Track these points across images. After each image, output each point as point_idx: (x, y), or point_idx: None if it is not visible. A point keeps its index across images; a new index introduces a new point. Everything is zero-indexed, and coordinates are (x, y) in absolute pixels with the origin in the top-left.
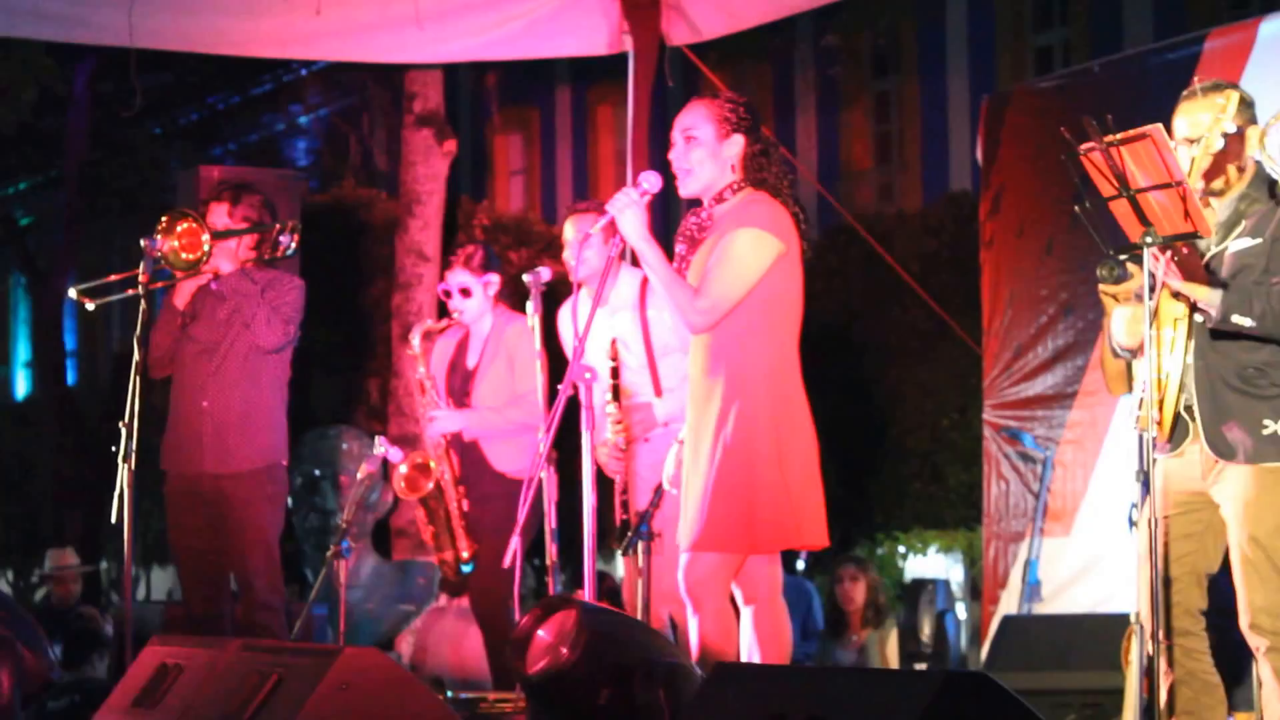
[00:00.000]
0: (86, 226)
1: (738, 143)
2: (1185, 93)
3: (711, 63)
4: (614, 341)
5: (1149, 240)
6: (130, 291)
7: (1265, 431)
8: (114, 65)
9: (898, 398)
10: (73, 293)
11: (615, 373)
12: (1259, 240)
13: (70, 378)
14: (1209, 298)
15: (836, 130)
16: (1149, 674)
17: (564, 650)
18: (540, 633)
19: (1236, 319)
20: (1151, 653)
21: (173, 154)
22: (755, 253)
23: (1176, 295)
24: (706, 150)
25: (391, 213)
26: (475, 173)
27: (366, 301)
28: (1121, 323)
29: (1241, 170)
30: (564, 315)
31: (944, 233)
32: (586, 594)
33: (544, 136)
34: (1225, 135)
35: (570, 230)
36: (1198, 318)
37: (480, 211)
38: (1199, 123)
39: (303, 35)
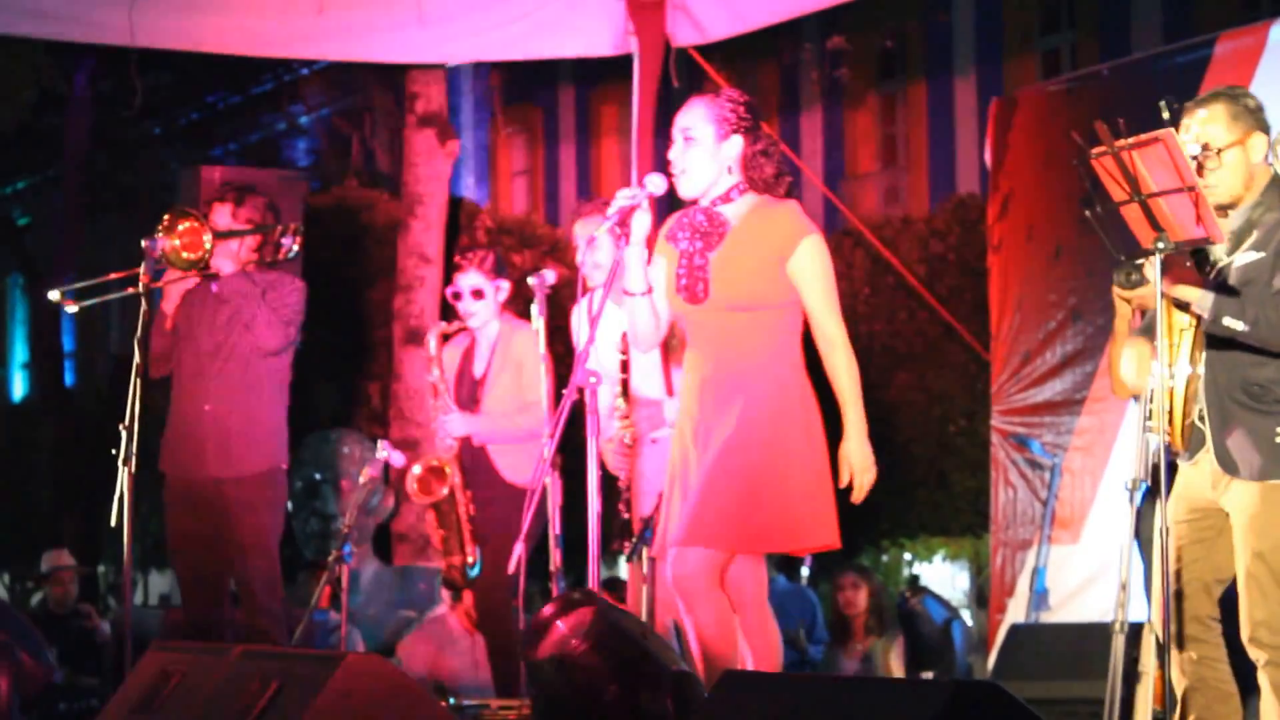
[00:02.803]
0: (85, 226)
1: (736, 143)
2: (1185, 106)
3: (716, 64)
4: (625, 335)
5: (1161, 245)
6: (130, 290)
7: None
8: (114, 64)
9: (903, 403)
10: (54, 295)
11: (625, 366)
12: (1263, 254)
13: (68, 379)
14: (1200, 300)
15: (842, 133)
16: (1127, 680)
17: (574, 641)
18: (559, 624)
19: (1228, 322)
20: (1154, 660)
21: (172, 154)
22: (828, 256)
23: (1180, 305)
24: (705, 151)
25: (393, 214)
26: (477, 174)
27: (368, 303)
28: (1131, 364)
29: (1250, 180)
30: (578, 314)
31: (950, 236)
32: None
33: (547, 137)
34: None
35: (580, 232)
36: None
37: (483, 213)
38: (1204, 134)
39: (304, 35)
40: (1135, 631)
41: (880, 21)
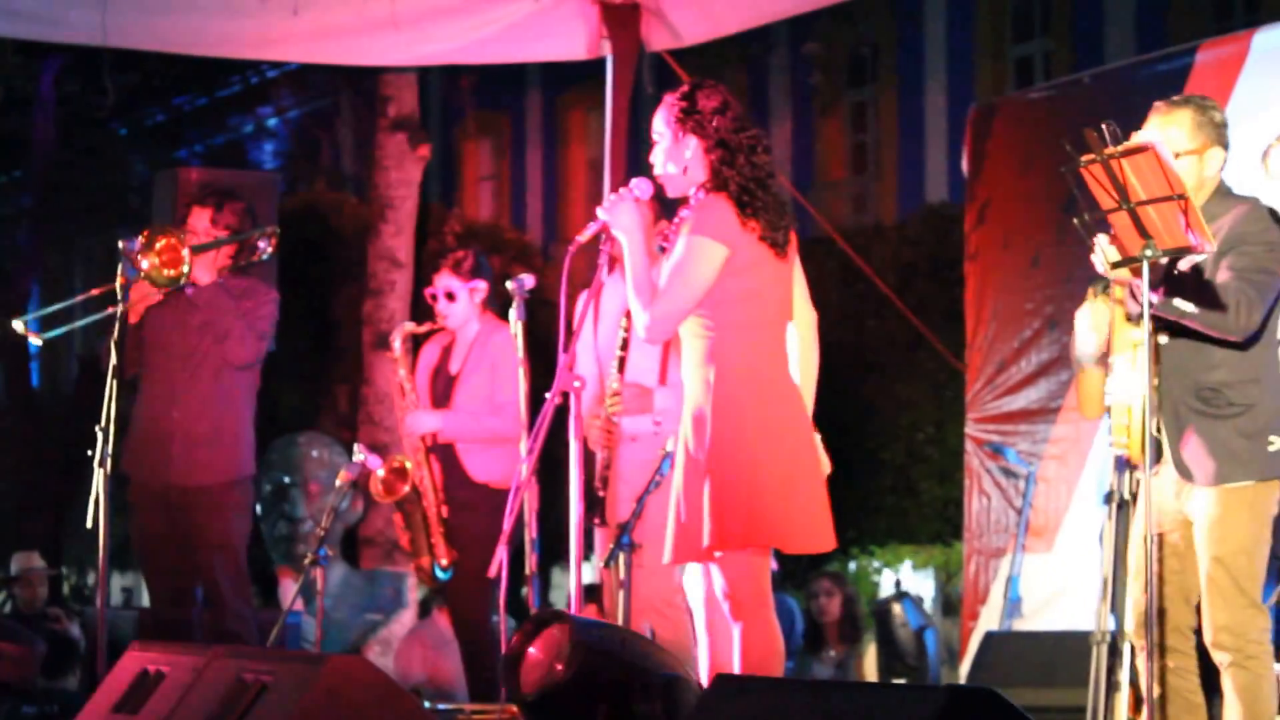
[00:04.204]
0: (50, 227)
1: (692, 142)
2: (1155, 104)
3: (689, 68)
4: (629, 313)
5: (1149, 253)
6: (103, 293)
7: (1271, 449)
8: (81, 65)
9: (873, 410)
10: (17, 325)
11: (625, 344)
12: (1205, 255)
13: (33, 380)
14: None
15: (812, 139)
16: (1111, 690)
17: (558, 666)
18: (532, 650)
19: (1178, 303)
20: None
21: (138, 155)
22: (696, 262)
23: (1129, 318)
24: (667, 154)
25: (361, 217)
26: (444, 178)
27: (336, 307)
28: (1085, 324)
29: (1198, 190)
30: (583, 299)
31: (922, 245)
32: (572, 605)
33: (514, 142)
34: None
35: None
36: (1160, 339)
37: (451, 218)
38: (1165, 136)
39: (279, 36)
40: (1113, 641)
41: (852, 28)
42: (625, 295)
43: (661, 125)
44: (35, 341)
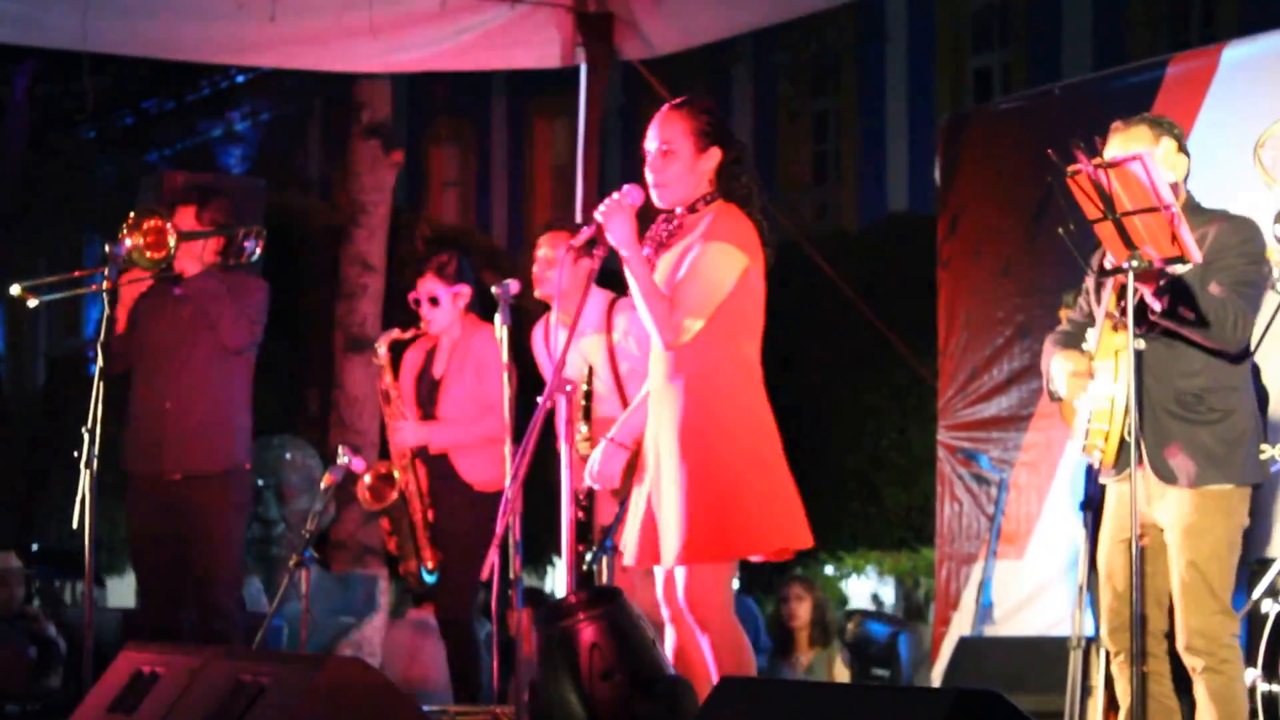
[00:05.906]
0: (17, 228)
1: (714, 155)
2: (1113, 125)
3: (656, 77)
4: (590, 366)
5: (1135, 263)
6: (94, 287)
7: (1263, 456)
8: (54, 68)
9: (836, 417)
10: (15, 289)
11: (588, 395)
12: (1191, 264)
13: None
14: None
15: (775, 148)
16: (1085, 694)
17: (587, 621)
18: (581, 611)
19: (1181, 313)
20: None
21: (107, 159)
22: (724, 268)
23: (1116, 328)
24: (684, 165)
25: (332, 221)
26: (410, 183)
27: (307, 311)
28: (1062, 375)
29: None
30: (538, 335)
31: (884, 252)
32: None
33: (479, 149)
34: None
35: (545, 248)
36: (1138, 345)
37: (421, 222)
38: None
39: (256, 42)
40: (1087, 647)
41: (816, 38)
42: (578, 345)
43: (676, 135)
44: (32, 302)
